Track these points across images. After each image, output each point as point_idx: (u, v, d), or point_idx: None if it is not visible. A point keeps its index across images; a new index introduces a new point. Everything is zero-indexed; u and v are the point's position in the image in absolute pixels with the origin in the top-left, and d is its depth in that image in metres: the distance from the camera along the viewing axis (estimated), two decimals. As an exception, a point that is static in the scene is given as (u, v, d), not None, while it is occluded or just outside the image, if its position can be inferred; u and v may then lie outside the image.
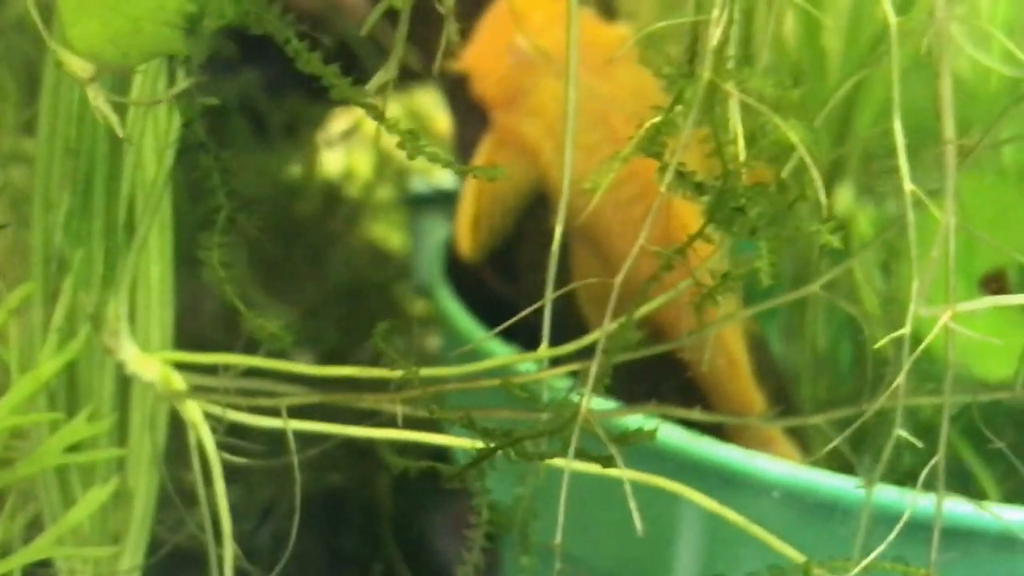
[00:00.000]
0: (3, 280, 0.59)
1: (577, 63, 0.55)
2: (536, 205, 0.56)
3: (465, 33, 0.59)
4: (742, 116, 0.32)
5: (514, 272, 0.57)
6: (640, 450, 0.47)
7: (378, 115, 0.31)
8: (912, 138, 0.33)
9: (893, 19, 0.33)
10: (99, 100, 0.31)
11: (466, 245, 0.56)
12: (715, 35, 0.30)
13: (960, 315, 0.33)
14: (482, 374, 0.38)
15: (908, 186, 0.33)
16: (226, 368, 0.38)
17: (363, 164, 0.73)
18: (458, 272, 0.59)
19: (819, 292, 0.38)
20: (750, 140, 0.31)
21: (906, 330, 0.34)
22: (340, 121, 0.73)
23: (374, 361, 0.65)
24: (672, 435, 0.46)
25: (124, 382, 0.40)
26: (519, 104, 0.56)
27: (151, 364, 0.39)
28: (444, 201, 0.75)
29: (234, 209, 0.30)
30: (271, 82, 0.62)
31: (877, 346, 0.34)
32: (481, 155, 0.57)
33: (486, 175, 0.32)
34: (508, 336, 0.54)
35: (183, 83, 0.29)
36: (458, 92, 0.59)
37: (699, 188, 0.32)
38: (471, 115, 0.59)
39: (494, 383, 0.37)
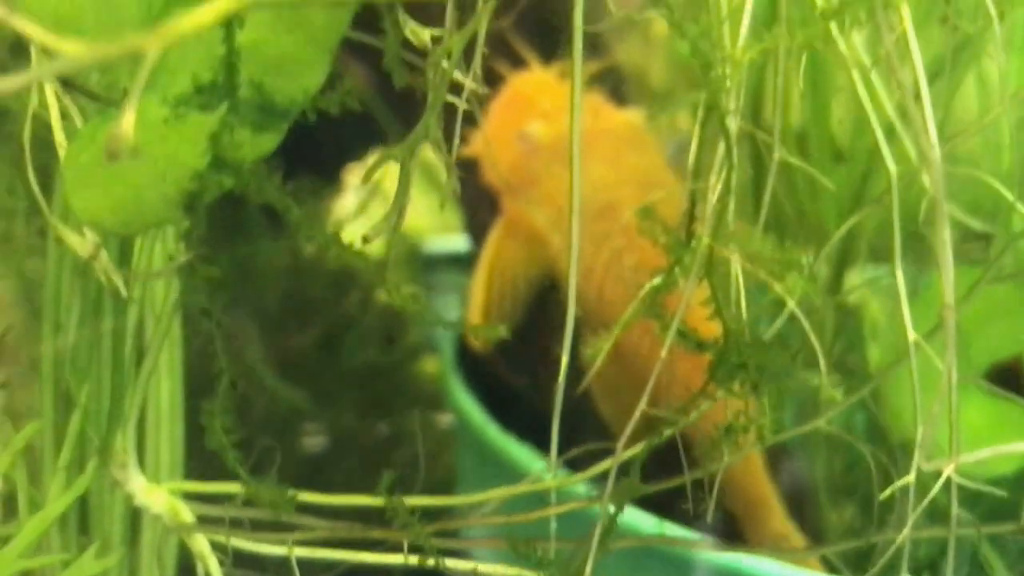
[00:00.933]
0: (16, 364, 0.60)
1: (585, 150, 0.55)
2: (547, 294, 0.56)
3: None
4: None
5: (525, 362, 0.57)
6: (654, 556, 0.47)
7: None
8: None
9: (894, 169, 0.33)
10: (103, 268, 0.31)
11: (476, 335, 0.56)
12: (712, 200, 0.30)
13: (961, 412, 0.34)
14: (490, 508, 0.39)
15: (911, 334, 0.33)
16: (231, 497, 0.39)
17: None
18: (470, 360, 0.59)
19: (823, 424, 0.38)
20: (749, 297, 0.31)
21: (911, 478, 0.34)
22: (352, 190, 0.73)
23: (388, 442, 0.66)
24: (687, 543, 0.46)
25: (136, 511, 0.40)
26: (528, 192, 0.56)
27: (158, 495, 0.39)
28: (458, 261, 0.75)
29: (236, 373, 0.31)
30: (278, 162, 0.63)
31: (883, 496, 0.34)
32: (491, 243, 0.57)
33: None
34: (522, 432, 0.54)
35: (183, 255, 0.29)
36: (469, 177, 0.59)
37: (700, 346, 0.32)
38: (482, 200, 0.59)
39: (499, 520, 0.37)
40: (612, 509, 0.35)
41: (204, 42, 0.29)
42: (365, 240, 0.35)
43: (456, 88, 0.35)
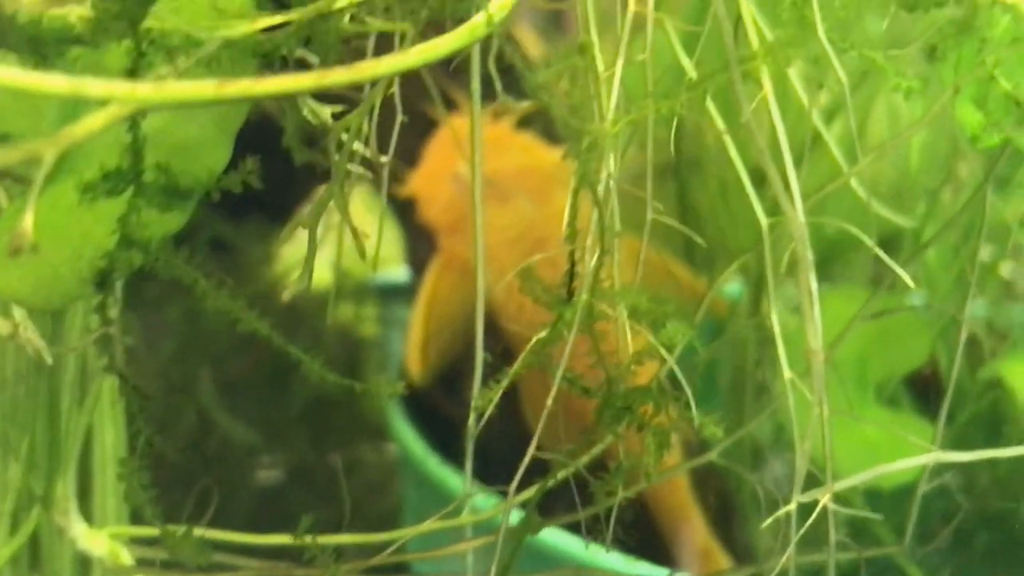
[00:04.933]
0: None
1: (515, 188, 0.58)
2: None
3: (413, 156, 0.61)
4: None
5: (464, 392, 0.59)
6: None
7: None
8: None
9: (764, 222, 0.35)
10: (28, 343, 0.33)
11: (416, 369, 0.59)
12: (591, 260, 0.33)
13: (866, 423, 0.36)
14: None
15: (787, 373, 0.36)
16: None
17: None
18: (411, 393, 0.62)
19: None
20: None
21: (792, 507, 0.36)
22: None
23: (341, 472, 0.68)
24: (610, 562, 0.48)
25: (85, 556, 0.43)
26: (463, 230, 0.59)
27: (99, 540, 0.41)
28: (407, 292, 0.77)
29: (152, 433, 0.33)
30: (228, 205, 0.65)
31: (764, 525, 0.36)
32: (428, 280, 0.59)
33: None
34: (459, 458, 0.56)
35: (99, 329, 0.32)
36: (408, 215, 0.62)
37: (586, 392, 0.35)
38: (421, 237, 0.61)
39: (416, 556, 0.39)
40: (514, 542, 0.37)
41: (112, 130, 0.32)
42: (283, 297, 0.38)
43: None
